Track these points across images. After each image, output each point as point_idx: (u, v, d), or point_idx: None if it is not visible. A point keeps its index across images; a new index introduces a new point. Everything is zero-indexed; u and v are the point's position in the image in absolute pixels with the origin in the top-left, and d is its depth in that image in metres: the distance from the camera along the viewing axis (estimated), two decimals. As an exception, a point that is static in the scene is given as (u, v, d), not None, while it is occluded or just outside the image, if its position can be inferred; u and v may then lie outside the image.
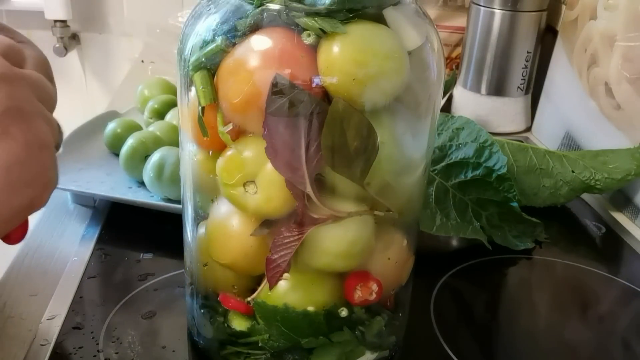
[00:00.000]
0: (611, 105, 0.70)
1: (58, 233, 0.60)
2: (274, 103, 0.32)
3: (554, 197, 0.66)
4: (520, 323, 0.52)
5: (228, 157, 0.36)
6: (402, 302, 0.44)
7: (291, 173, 0.34)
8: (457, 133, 0.59)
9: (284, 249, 0.35)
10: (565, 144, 0.80)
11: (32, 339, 0.46)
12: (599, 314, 0.54)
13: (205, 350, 0.43)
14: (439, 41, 0.38)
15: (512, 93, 0.88)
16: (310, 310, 0.38)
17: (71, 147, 0.70)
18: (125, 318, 0.48)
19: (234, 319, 0.40)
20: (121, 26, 1.25)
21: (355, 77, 0.32)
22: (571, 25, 0.79)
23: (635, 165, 0.65)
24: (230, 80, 0.34)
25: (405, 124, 0.37)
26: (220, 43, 0.34)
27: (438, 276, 0.56)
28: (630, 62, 0.67)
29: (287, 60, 0.33)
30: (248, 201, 0.36)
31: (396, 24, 0.34)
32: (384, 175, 0.36)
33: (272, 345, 0.39)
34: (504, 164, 0.57)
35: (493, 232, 0.59)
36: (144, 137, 0.66)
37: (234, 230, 0.38)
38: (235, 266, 0.39)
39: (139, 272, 0.54)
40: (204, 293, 0.42)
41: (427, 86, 0.37)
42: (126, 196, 0.62)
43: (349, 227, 0.36)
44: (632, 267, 0.61)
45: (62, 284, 0.52)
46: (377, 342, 0.41)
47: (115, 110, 0.81)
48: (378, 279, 0.39)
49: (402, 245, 0.41)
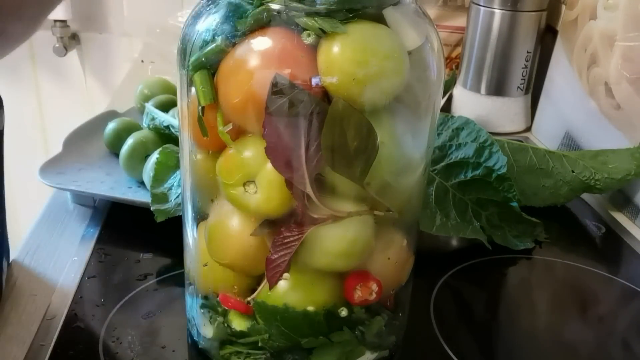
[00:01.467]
0: (611, 105, 0.70)
1: (58, 233, 0.60)
2: (273, 103, 0.32)
3: (554, 197, 0.66)
4: (520, 323, 0.52)
5: (228, 157, 0.36)
6: (402, 302, 0.44)
7: (291, 173, 0.34)
8: (457, 133, 0.59)
9: (284, 249, 0.35)
10: (565, 144, 0.80)
11: (32, 339, 0.46)
12: (599, 314, 0.54)
13: (205, 350, 0.43)
14: (439, 41, 0.38)
15: (512, 93, 0.88)
16: (310, 310, 0.38)
17: (71, 147, 0.70)
18: (125, 318, 0.48)
19: (233, 318, 0.40)
20: (121, 26, 1.25)
21: (355, 77, 0.32)
22: (571, 25, 0.79)
23: (635, 165, 0.65)
24: (230, 80, 0.34)
25: (405, 123, 0.37)
26: (220, 43, 0.34)
27: (438, 276, 0.56)
28: (630, 62, 0.67)
29: (287, 60, 0.33)
30: (248, 201, 0.36)
31: (396, 24, 0.34)
32: (384, 175, 0.36)
33: (272, 345, 0.39)
34: (504, 164, 0.57)
35: (493, 232, 0.59)
36: (144, 137, 0.66)
37: (234, 230, 0.38)
38: (235, 266, 0.39)
39: (139, 272, 0.54)
40: (204, 293, 0.42)
41: (427, 86, 0.37)
42: (126, 196, 0.62)
43: (349, 227, 0.36)
44: (632, 267, 0.61)
45: (62, 284, 0.52)
46: (377, 342, 0.41)
47: (115, 110, 0.81)
48: (378, 278, 0.39)
49: (402, 245, 0.41)
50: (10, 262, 0.54)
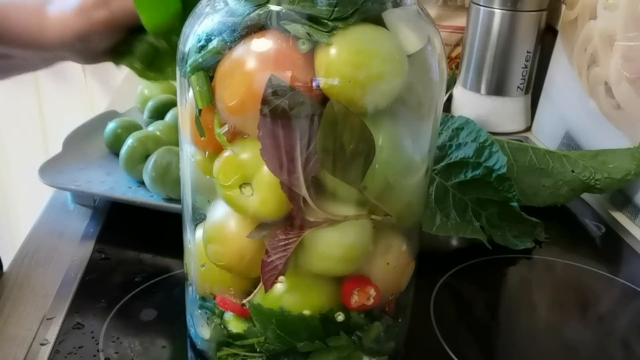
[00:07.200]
0: (611, 105, 0.70)
1: (58, 233, 0.61)
2: (268, 104, 0.32)
3: (554, 197, 0.65)
4: (520, 323, 0.52)
5: (224, 158, 0.36)
6: (402, 308, 0.43)
7: (286, 175, 0.34)
8: (457, 133, 0.59)
9: (280, 252, 0.35)
10: (565, 143, 0.80)
11: (32, 339, 0.46)
12: (599, 314, 0.54)
13: (203, 351, 0.43)
14: (441, 42, 0.38)
15: (512, 93, 0.87)
16: (306, 314, 0.37)
17: (71, 147, 0.70)
18: (125, 318, 0.48)
19: (230, 320, 0.40)
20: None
21: (351, 80, 0.32)
22: (571, 25, 0.79)
23: (635, 165, 0.65)
24: (226, 81, 0.34)
25: (406, 126, 0.37)
26: (216, 45, 0.34)
27: (438, 276, 0.56)
28: (630, 62, 0.66)
29: (283, 62, 0.33)
30: (244, 203, 0.36)
31: (395, 26, 0.34)
32: (382, 179, 0.36)
33: (268, 348, 0.39)
34: (504, 164, 0.57)
35: (493, 232, 0.59)
36: (144, 137, 0.66)
37: (231, 232, 0.38)
38: (231, 268, 0.39)
39: (139, 272, 0.54)
40: (202, 294, 0.42)
41: (429, 87, 0.37)
42: (126, 196, 0.63)
43: (346, 231, 0.36)
44: (632, 267, 0.61)
45: (62, 284, 0.52)
46: (375, 348, 0.41)
47: (115, 110, 0.81)
48: (376, 284, 0.38)
49: (402, 250, 0.41)
50: (3, 272, 0.54)
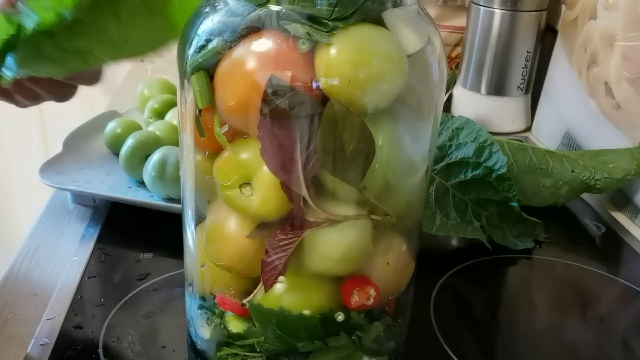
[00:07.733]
0: (611, 105, 0.70)
1: (58, 233, 0.61)
2: (268, 104, 0.32)
3: (553, 196, 0.66)
4: (520, 323, 0.52)
5: (224, 158, 0.36)
6: (402, 308, 0.43)
7: (286, 175, 0.34)
8: (456, 133, 0.59)
9: (280, 252, 0.35)
10: (565, 143, 0.80)
11: (32, 339, 0.46)
12: (599, 314, 0.54)
13: (203, 351, 0.43)
14: (441, 42, 0.37)
15: (512, 93, 0.88)
16: (306, 314, 0.37)
17: (71, 147, 0.70)
18: (125, 318, 0.49)
19: (230, 320, 0.40)
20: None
21: (351, 80, 0.32)
22: (571, 25, 0.79)
23: (635, 165, 0.65)
24: (226, 81, 0.34)
25: (406, 126, 0.37)
26: (216, 45, 0.34)
27: (438, 276, 0.56)
28: (630, 62, 0.66)
29: (283, 62, 0.33)
30: (244, 203, 0.36)
31: (395, 26, 0.34)
32: (382, 179, 0.36)
33: (268, 348, 0.39)
34: (504, 164, 0.57)
35: (493, 232, 0.59)
36: (144, 137, 0.66)
37: (231, 232, 0.38)
38: (231, 268, 0.39)
39: (138, 272, 0.54)
40: (202, 294, 0.42)
41: (429, 88, 0.37)
42: (126, 196, 0.63)
43: (346, 231, 0.36)
44: (632, 266, 0.61)
45: (62, 284, 0.52)
46: (375, 348, 0.41)
47: (115, 110, 0.81)
48: (376, 284, 0.38)
49: (402, 250, 0.41)
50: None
